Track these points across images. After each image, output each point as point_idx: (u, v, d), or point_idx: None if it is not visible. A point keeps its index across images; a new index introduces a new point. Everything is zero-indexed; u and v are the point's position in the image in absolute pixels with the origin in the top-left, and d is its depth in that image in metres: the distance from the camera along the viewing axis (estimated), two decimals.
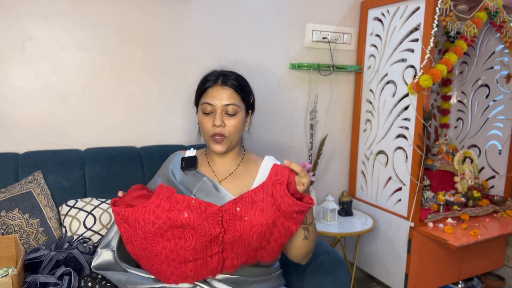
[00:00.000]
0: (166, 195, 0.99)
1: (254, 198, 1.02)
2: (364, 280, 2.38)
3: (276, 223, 1.00)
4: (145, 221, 0.98)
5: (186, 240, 1.00)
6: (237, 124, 1.16)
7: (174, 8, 1.75)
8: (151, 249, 1.00)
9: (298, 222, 1.03)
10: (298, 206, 0.99)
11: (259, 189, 1.02)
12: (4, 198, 1.36)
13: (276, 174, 1.01)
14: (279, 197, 0.99)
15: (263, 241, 1.02)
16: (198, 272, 1.05)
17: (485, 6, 1.82)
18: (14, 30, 1.50)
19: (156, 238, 0.99)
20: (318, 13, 2.10)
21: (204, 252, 1.02)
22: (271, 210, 1.00)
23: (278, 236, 1.03)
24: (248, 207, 1.01)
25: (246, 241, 1.01)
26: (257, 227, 0.99)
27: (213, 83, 1.18)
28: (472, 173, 2.31)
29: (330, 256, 1.34)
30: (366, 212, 2.19)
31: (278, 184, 1.00)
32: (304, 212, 1.03)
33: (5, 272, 1.17)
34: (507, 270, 2.29)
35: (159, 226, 0.98)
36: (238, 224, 1.00)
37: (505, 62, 2.20)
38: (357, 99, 2.24)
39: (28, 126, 1.57)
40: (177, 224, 0.98)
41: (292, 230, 1.03)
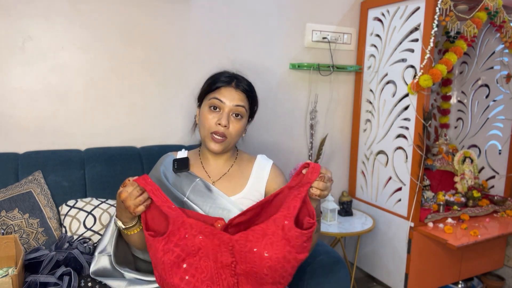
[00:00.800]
0: (180, 221, 0.98)
1: (265, 230, 1.00)
2: (364, 280, 2.38)
3: (288, 258, 0.97)
4: (164, 251, 0.96)
5: (202, 271, 0.98)
6: (240, 128, 1.16)
7: (174, 8, 1.75)
8: (169, 281, 0.98)
9: (309, 248, 1.02)
10: (305, 236, 0.98)
11: (271, 222, 1.00)
12: (4, 198, 1.36)
13: (288, 208, 1.00)
14: (287, 231, 0.98)
15: (277, 277, 0.98)
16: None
17: (485, 6, 1.82)
18: (14, 30, 1.51)
19: (174, 269, 0.97)
20: (318, 13, 2.10)
21: (220, 283, 0.99)
22: (280, 244, 0.97)
23: (292, 271, 1.00)
24: (259, 240, 0.99)
25: (258, 275, 0.98)
26: (267, 260, 0.96)
27: (227, 84, 1.17)
28: (472, 173, 2.31)
29: (330, 256, 1.34)
30: (366, 212, 2.19)
31: (289, 218, 0.99)
32: (311, 238, 1.02)
33: (5, 272, 1.17)
34: (507, 270, 2.29)
35: (177, 254, 0.96)
36: (249, 256, 0.98)
37: (505, 62, 2.20)
38: (357, 99, 2.24)
39: (28, 126, 1.57)
40: (194, 250, 0.97)
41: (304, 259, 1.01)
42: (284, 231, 0.98)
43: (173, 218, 0.98)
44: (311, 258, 1.31)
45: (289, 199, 1.01)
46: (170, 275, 0.97)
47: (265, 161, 1.24)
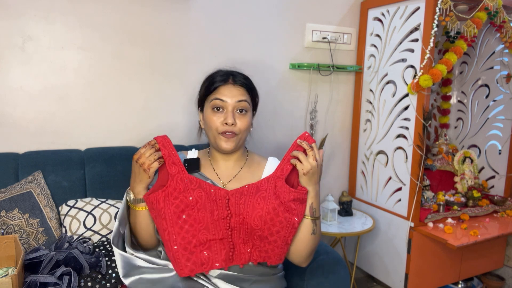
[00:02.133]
0: (180, 176, 1.09)
1: (259, 187, 1.11)
2: (364, 280, 2.38)
3: (277, 211, 1.06)
4: (165, 202, 1.06)
5: (199, 221, 1.07)
6: (247, 122, 1.16)
7: (174, 8, 1.75)
8: (170, 230, 1.06)
9: (299, 213, 1.09)
10: (292, 194, 1.07)
11: (265, 181, 1.12)
12: (4, 198, 1.36)
13: (281, 170, 1.12)
14: (278, 188, 1.09)
15: (265, 229, 1.06)
16: (212, 258, 1.08)
17: (485, 6, 1.82)
18: (14, 30, 1.51)
19: (174, 218, 1.06)
20: (318, 13, 2.10)
21: (215, 233, 1.08)
22: (272, 198, 1.08)
23: (280, 228, 1.07)
24: (253, 194, 1.10)
25: (249, 225, 1.07)
26: (258, 210, 1.07)
27: (224, 82, 1.16)
28: (472, 173, 2.31)
29: (330, 256, 1.34)
30: (366, 212, 2.19)
31: (281, 179, 1.10)
32: (302, 202, 1.10)
33: (5, 272, 1.17)
34: (507, 270, 2.29)
35: (177, 205, 1.06)
36: (242, 208, 1.08)
37: (505, 62, 2.20)
38: (357, 99, 2.24)
39: (28, 126, 1.57)
40: (192, 202, 1.07)
41: (294, 223, 1.08)
42: (276, 188, 1.10)
43: (174, 173, 1.09)
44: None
45: (283, 162, 1.13)
46: (171, 224, 1.06)
47: (276, 163, 1.23)
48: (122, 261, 1.11)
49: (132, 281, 1.10)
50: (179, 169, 1.09)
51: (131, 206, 1.14)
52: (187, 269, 1.08)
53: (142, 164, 1.07)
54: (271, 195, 1.09)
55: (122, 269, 1.11)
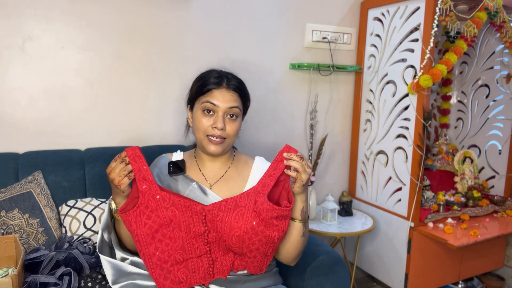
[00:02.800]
0: (152, 194, 1.02)
1: (238, 202, 1.06)
2: (364, 280, 2.38)
3: (256, 230, 1.02)
4: (137, 223, 1.01)
5: (175, 240, 1.04)
6: (237, 128, 1.15)
7: (174, 8, 1.75)
8: (144, 251, 1.03)
9: (280, 229, 1.05)
10: (276, 211, 1.02)
11: (245, 196, 1.07)
12: (4, 198, 1.36)
13: (263, 186, 1.06)
14: (259, 204, 1.03)
15: (244, 247, 1.03)
16: (190, 276, 1.07)
17: (485, 6, 1.82)
18: (14, 30, 1.51)
19: (148, 239, 1.02)
20: (318, 13, 2.10)
21: (192, 252, 1.06)
22: (250, 216, 1.03)
23: (259, 245, 1.04)
24: (231, 210, 1.05)
25: (226, 243, 1.04)
26: (236, 230, 1.02)
27: (218, 85, 1.13)
28: (472, 173, 2.31)
29: (330, 256, 1.34)
30: (366, 212, 2.19)
31: (262, 195, 1.05)
32: (286, 218, 1.05)
33: (5, 272, 1.17)
34: (507, 270, 2.29)
35: (149, 226, 1.01)
36: (219, 225, 1.04)
37: (505, 62, 2.20)
38: (357, 99, 2.24)
39: (28, 126, 1.57)
40: (165, 221, 1.02)
41: (274, 240, 1.04)
42: (256, 205, 1.04)
43: (144, 190, 1.02)
44: (311, 258, 1.31)
45: (265, 177, 1.07)
46: (145, 245, 1.03)
47: (264, 163, 1.22)
48: (111, 268, 1.09)
49: (122, 286, 1.08)
50: (151, 185, 1.02)
51: (114, 216, 1.10)
52: (166, 287, 1.06)
53: (112, 180, 1.01)
54: (250, 212, 1.03)
55: (111, 276, 1.08)
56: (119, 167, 1.01)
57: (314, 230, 1.89)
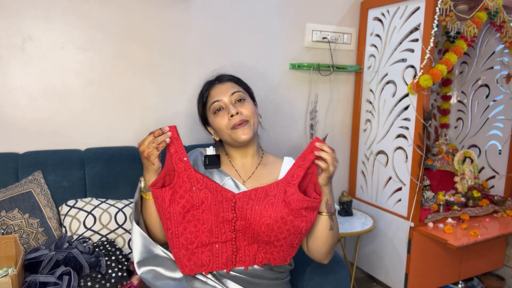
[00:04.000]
0: (186, 175, 1.05)
1: (268, 192, 1.08)
2: (364, 280, 2.38)
3: (286, 220, 1.03)
4: (171, 201, 1.04)
5: (203, 222, 1.06)
6: (251, 107, 1.18)
7: (174, 8, 1.75)
8: (173, 230, 1.05)
9: (308, 220, 1.06)
10: (306, 202, 1.04)
11: (274, 186, 1.08)
12: (4, 198, 1.36)
13: (292, 176, 1.08)
14: (289, 195, 1.05)
15: (272, 236, 1.05)
16: (213, 260, 1.08)
17: (485, 6, 1.82)
18: (14, 30, 1.51)
19: (179, 218, 1.05)
20: (318, 13, 2.10)
21: (219, 236, 1.07)
22: (280, 206, 1.05)
23: (287, 235, 1.05)
24: (261, 199, 1.07)
25: (255, 231, 1.05)
26: (266, 218, 1.04)
27: (212, 84, 1.22)
28: (472, 173, 2.31)
29: None
30: (366, 212, 2.19)
31: (292, 185, 1.06)
32: (314, 209, 1.08)
33: (5, 272, 1.17)
34: (507, 270, 2.29)
35: (183, 205, 1.04)
36: (249, 213, 1.05)
37: (505, 62, 2.20)
38: (357, 99, 2.24)
39: (28, 126, 1.57)
40: (197, 202, 1.05)
41: (302, 230, 1.06)
42: (286, 195, 1.05)
43: (180, 170, 1.05)
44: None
45: (294, 167, 1.09)
46: (176, 224, 1.05)
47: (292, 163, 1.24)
48: (141, 244, 1.08)
49: (144, 271, 1.07)
50: (186, 167, 1.06)
51: (142, 195, 1.12)
52: (187, 268, 1.08)
53: (142, 152, 1.04)
54: (279, 201, 1.06)
55: (139, 253, 1.08)
56: (148, 140, 1.03)
57: None
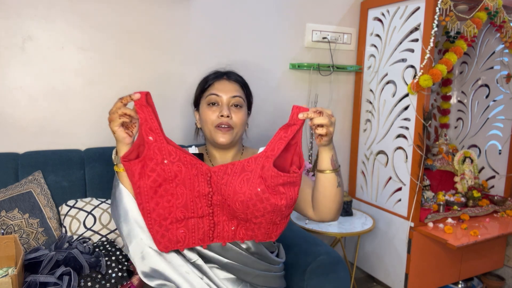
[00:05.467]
0: (157, 146, 0.97)
1: (245, 167, 1.00)
2: (364, 280, 2.38)
3: (261, 197, 0.96)
4: (141, 175, 0.97)
5: (177, 197, 1.00)
6: (243, 116, 1.17)
7: (174, 8, 1.75)
8: (145, 205, 1.00)
9: (288, 197, 0.98)
10: (282, 178, 0.96)
11: (252, 160, 1.00)
12: (4, 198, 1.36)
13: (272, 149, 0.98)
14: (265, 170, 0.97)
15: (248, 213, 0.99)
16: (189, 237, 1.03)
17: (485, 6, 1.82)
18: (14, 30, 1.51)
19: (150, 193, 0.98)
20: (318, 13, 2.10)
21: (195, 211, 1.02)
22: (256, 182, 0.97)
23: (264, 212, 0.99)
24: (237, 174, 1.00)
25: (230, 207, 1.00)
26: (240, 195, 0.97)
27: (219, 77, 1.20)
28: (472, 173, 2.31)
29: (330, 256, 1.34)
30: (366, 212, 2.19)
31: (270, 159, 0.97)
32: (296, 185, 0.99)
33: (5, 272, 1.17)
34: (507, 270, 2.29)
35: (153, 179, 0.97)
36: (224, 189, 1.00)
37: (505, 62, 2.20)
38: (357, 99, 2.24)
39: (28, 126, 1.57)
40: (170, 176, 0.98)
41: (281, 208, 0.99)
42: (263, 170, 0.97)
43: (150, 141, 0.97)
44: (311, 258, 1.31)
45: (275, 140, 0.99)
46: (146, 199, 0.99)
47: None
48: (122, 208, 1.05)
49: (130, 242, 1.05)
50: (157, 137, 0.98)
51: (114, 168, 1.07)
52: (161, 245, 1.03)
53: (108, 121, 1.00)
54: (256, 177, 0.97)
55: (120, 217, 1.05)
56: (116, 106, 0.98)
57: (314, 230, 1.89)
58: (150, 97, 1.01)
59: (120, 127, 1.00)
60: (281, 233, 1.10)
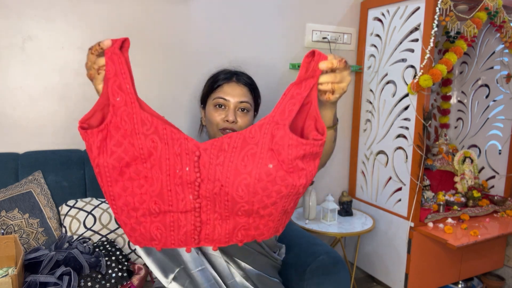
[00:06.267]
0: (127, 112, 0.71)
1: (247, 138, 0.72)
2: (364, 280, 2.38)
3: (274, 177, 0.70)
4: (100, 149, 0.70)
5: (152, 182, 0.73)
6: (248, 121, 1.17)
7: (174, 8, 1.75)
8: (107, 190, 0.73)
9: (308, 174, 0.72)
10: (303, 148, 0.70)
11: (256, 129, 0.73)
12: (4, 198, 1.36)
13: (282, 113, 0.72)
14: (278, 139, 0.70)
15: (255, 202, 0.72)
16: (166, 235, 0.77)
17: (485, 6, 1.82)
18: (14, 30, 1.51)
19: (114, 175, 0.71)
20: (318, 13, 2.10)
21: (173, 204, 0.74)
22: (266, 156, 0.70)
23: (277, 198, 0.72)
24: (237, 149, 0.72)
25: (230, 196, 0.72)
26: (244, 176, 0.70)
27: (228, 80, 1.19)
28: (472, 173, 2.31)
29: (330, 256, 1.34)
30: (366, 212, 2.19)
31: (281, 126, 0.71)
32: (315, 157, 0.73)
33: (5, 272, 1.17)
34: (507, 270, 2.29)
35: (118, 156, 0.70)
36: (219, 171, 0.71)
37: (505, 62, 2.20)
38: (357, 99, 2.24)
39: (28, 126, 1.57)
40: (142, 154, 0.71)
41: (299, 190, 0.73)
42: (273, 140, 0.71)
43: (118, 104, 0.70)
44: (311, 258, 1.31)
45: (285, 100, 0.73)
46: (109, 183, 0.72)
47: None
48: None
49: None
50: (127, 99, 0.72)
51: None
52: (132, 239, 0.79)
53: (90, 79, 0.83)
54: (264, 150, 0.71)
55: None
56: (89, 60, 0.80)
57: (314, 230, 1.89)
58: (128, 46, 0.78)
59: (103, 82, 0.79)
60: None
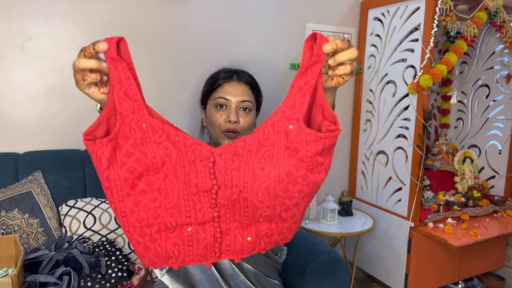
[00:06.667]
0: (136, 119, 0.66)
1: (261, 140, 0.69)
2: (364, 280, 2.38)
3: (295, 177, 0.66)
4: (110, 161, 0.65)
5: (167, 194, 0.69)
6: (250, 121, 1.14)
7: (174, 8, 1.75)
8: (118, 206, 0.67)
9: (327, 167, 0.69)
10: (321, 142, 0.65)
11: (269, 129, 0.69)
12: (4, 198, 1.36)
13: (292, 107, 0.68)
14: (294, 137, 0.66)
15: (276, 206, 0.69)
16: (184, 251, 0.73)
17: (485, 6, 1.82)
18: (14, 30, 1.51)
19: (125, 188, 0.66)
20: (318, 13, 2.10)
21: (192, 215, 0.71)
22: (284, 156, 0.67)
23: (299, 198, 0.69)
24: (253, 152, 0.69)
25: (250, 202, 0.69)
26: (263, 179, 0.67)
27: (228, 79, 1.15)
28: (472, 173, 2.31)
29: (330, 256, 1.34)
30: (366, 212, 2.19)
31: (294, 121, 0.67)
32: (332, 147, 0.68)
33: (5, 272, 1.17)
34: (507, 270, 2.29)
35: (130, 167, 0.66)
36: (236, 175, 0.69)
37: (505, 62, 2.20)
38: (357, 99, 2.24)
39: (28, 126, 1.57)
40: (155, 163, 0.67)
41: (319, 185, 0.70)
42: (288, 138, 0.67)
43: (126, 112, 0.65)
44: (311, 258, 1.31)
45: (293, 92, 0.69)
46: (120, 197, 0.67)
47: None
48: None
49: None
50: (135, 106, 0.66)
51: None
52: (145, 260, 0.73)
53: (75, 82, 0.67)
54: (281, 150, 0.67)
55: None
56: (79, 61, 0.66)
57: (314, 230, 1.89)
58: (125, 46, 0.72)
59: (92, 87, 0.68)
60: None
